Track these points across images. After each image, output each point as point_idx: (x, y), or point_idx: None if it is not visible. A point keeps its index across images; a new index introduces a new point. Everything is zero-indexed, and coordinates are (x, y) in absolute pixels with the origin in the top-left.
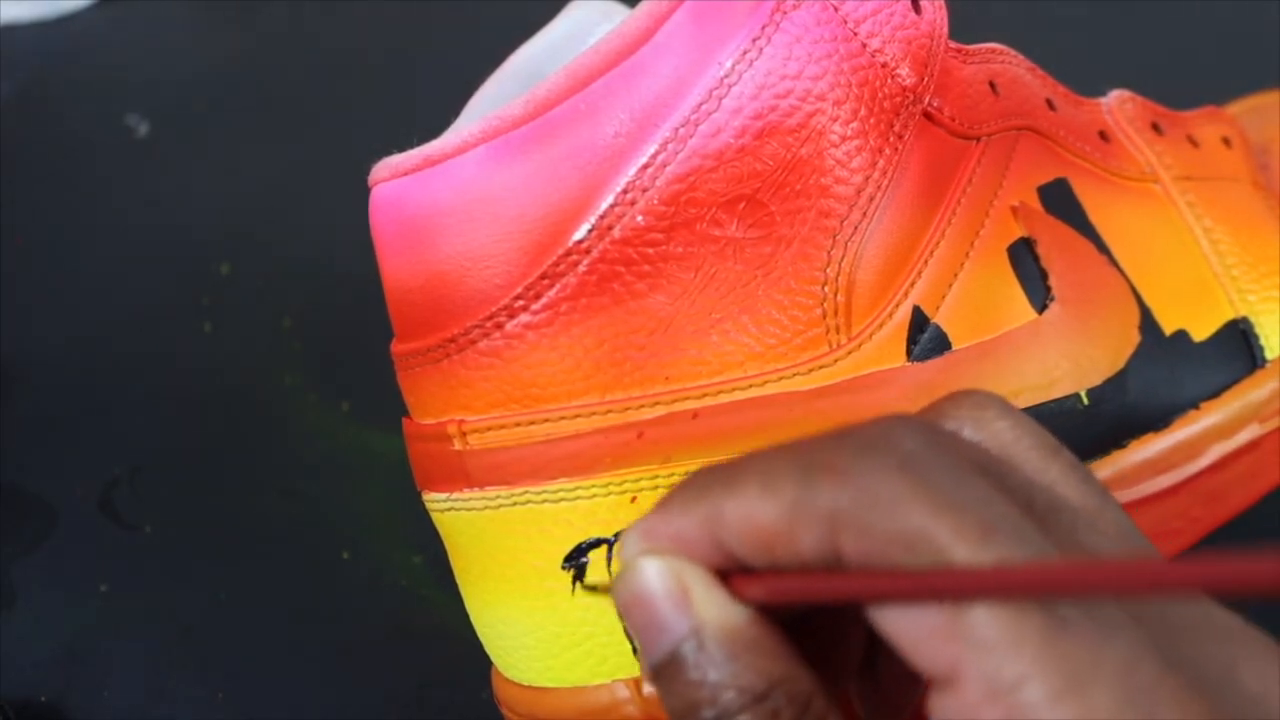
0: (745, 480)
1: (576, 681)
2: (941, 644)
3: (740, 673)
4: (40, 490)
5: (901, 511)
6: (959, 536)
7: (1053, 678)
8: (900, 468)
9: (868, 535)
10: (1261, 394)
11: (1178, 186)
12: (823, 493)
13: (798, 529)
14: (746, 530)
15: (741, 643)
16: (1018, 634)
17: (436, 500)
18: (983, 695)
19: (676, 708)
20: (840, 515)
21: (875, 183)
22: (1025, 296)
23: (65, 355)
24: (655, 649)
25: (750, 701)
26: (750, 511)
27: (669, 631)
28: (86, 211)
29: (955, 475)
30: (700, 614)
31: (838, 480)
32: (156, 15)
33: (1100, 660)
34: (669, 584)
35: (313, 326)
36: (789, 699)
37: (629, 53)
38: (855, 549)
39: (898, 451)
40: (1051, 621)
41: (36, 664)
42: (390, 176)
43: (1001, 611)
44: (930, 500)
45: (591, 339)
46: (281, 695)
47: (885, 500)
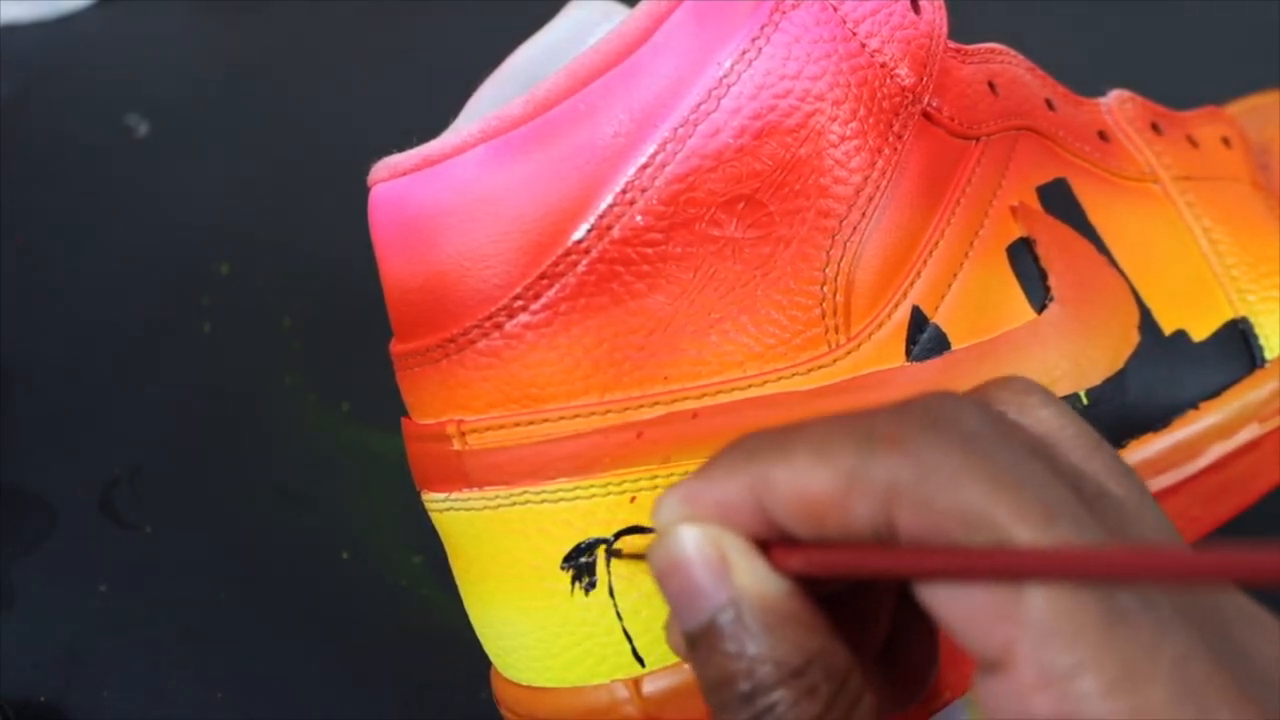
0: (798, 447)
1: (575, 681)
2: (995, 626)
3: (777, 646)
4: (40, 490)
5: (963, 488)
6: (1020, 517)
7: (1109, 669)
8: (963, 444)
9: (926, 510)
10: (1261, 394)
11: (1177, 186)
12: (882, 464)
13: (853, 499)
14: (797, 498)
15: (780, 615)
16: (1076, 622)
17: (435, 500)
18: (1035, 680)
19: (711, 679)
20: (899, 488)
21: (874, 183)
22: (1024, 296)
23: (65, 355)
24: (691, 618)
25: (787, 676)
26: (803, 479)
27: (706, 601)
28: (86, 211)
29: (1016, 456)
30: (739, 584)
31: (898, 452)
32: (156, 15)
33: (1156, 654)
34: (708, 552)
35: (313, 326)
36: (826, 674)
37: (628, 53)
38: (912, 523)
39: (960, 428)
40: (1110, 612)
41: (36, 664)
42: (390, 176)
43: (1060, 598)
44: (992, 479)
45: (591, 339)
46: (281, 695)
47: (947, 476)
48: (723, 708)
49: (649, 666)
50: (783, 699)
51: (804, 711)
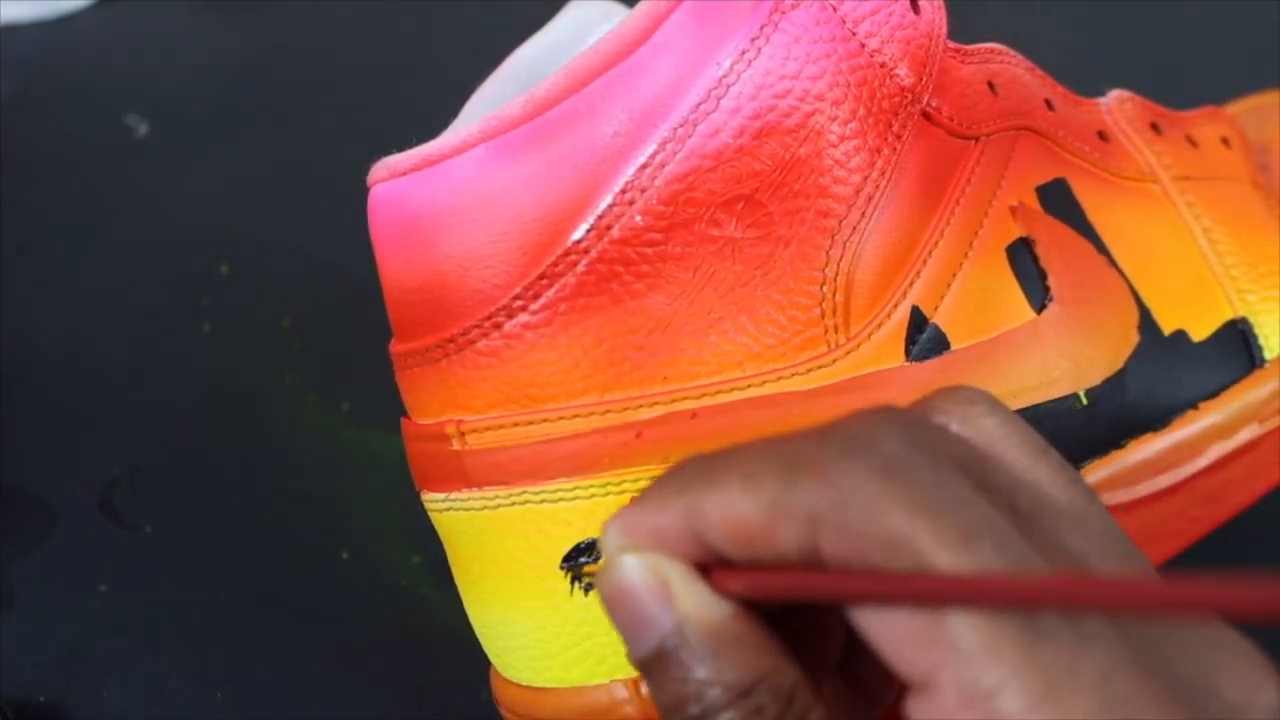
0: (727, 475)
1: (575, 682)
2: (919, 649)
3: (724, 668)
4: (40, 490)
5: (881, 514)
6: (939, 541)
7: (1030, 685)
8: (882, 469)
9: (847, 536)
10: (1260, 394)
11: (1177, 186)
12: (803, 491)
13: (778, 527)
14: (727, 526)
15: (724, 638)
16: (995, 641)
17: (435, 500)
18: (959, 702)
19: (664, 703)
20: (820, 515)
21: (874, 182)
22: (1024, 296)
23: (65, 355)
24: (640, 645)
25: (735, 697)
26: (731, 507)
27: (652, 628)
28: (86, 211)
29: (937, 477)
30: (682, 609)
31: (819, 480)
32: (156, 15)
33: (1078, 668)
34: (649, 579)
35: (313, 326)
36: (773, 694)
37: (628, 53)
38: (834, 549)
39: (879, 452)
40: (1029, 629)
41: (36, 664)
42: (389, 176)
43: (980, 619)
44: (911, 503)
45: (590, 339)
46: (281, 695)
47: (865, 502)
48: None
49: None
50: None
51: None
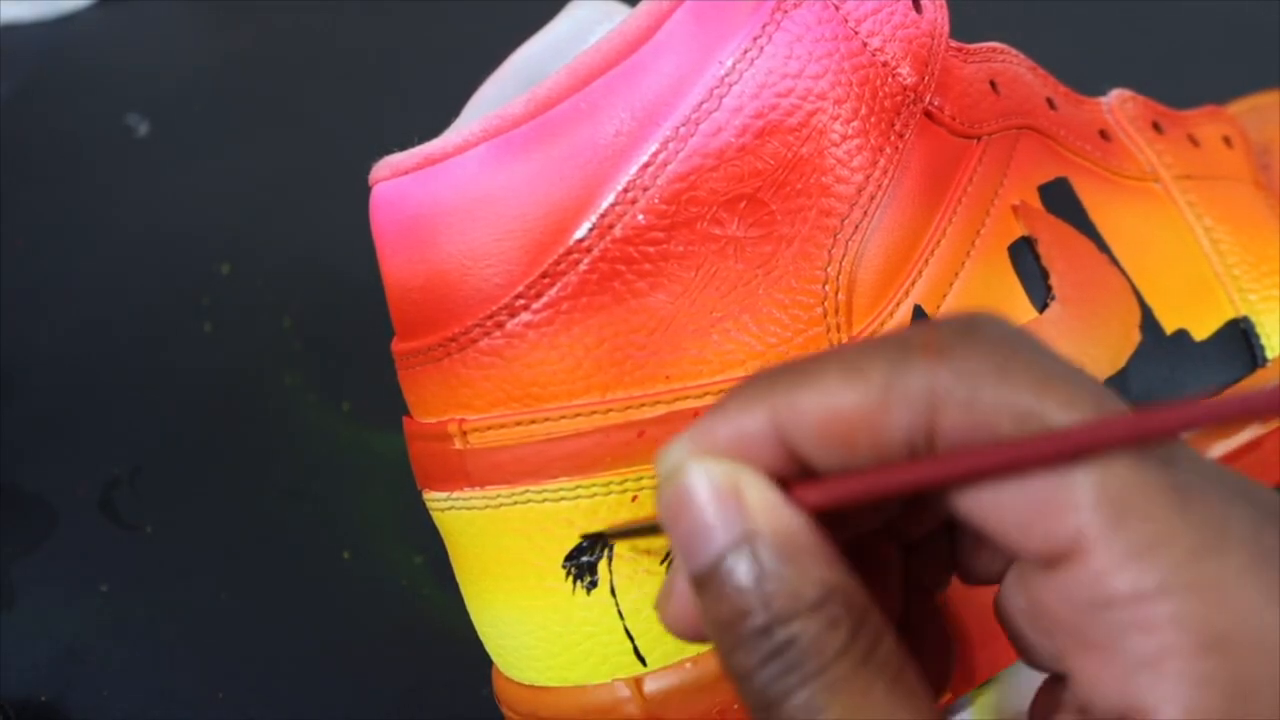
0: (825, 369)
1: (577, 680)
2: (1058, 517)
3: (795, 578)
4: (40, 490)
5: (1010, 384)
6: (1071, 407)
7: (1187, 539)
8: (1004, 346)
9: (971, 410)
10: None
11: (1178, 186)
12: (920, 371)
13: (889, 412)
14: (826, 421)
15: (796, 547)
16: (1146, 498)
17: (437, 499)
18: (1115, 560)
19: (723, 616)
20: (940, 392)
21: (876, 182)
22: (1026, 295)
23: (65, 355)
24: (701, 555)
25: (806, 608)
26: (832, 399)
27: (717, 536)
28: (86, 211)
29: (1052, 357)
30: (754, 516)
31: (937, 357)
32: (156, 15)
33: (1229, 522)
34: (721, 485)
35: (313, 326)
36: (847, 608)
37: (630, 52)
38: (956, 425)
39: (996, 332)
40: (1177, 487)
41: (36, 664)
42: (391, 175)
43: (1124, 477)
44: (1037, 376)
45: (592, 338)
46: (281, 695)
47: (990, 375)
48: (737, 645)
49: (651, 665)
50: (803, 631)
51: (827, 643)
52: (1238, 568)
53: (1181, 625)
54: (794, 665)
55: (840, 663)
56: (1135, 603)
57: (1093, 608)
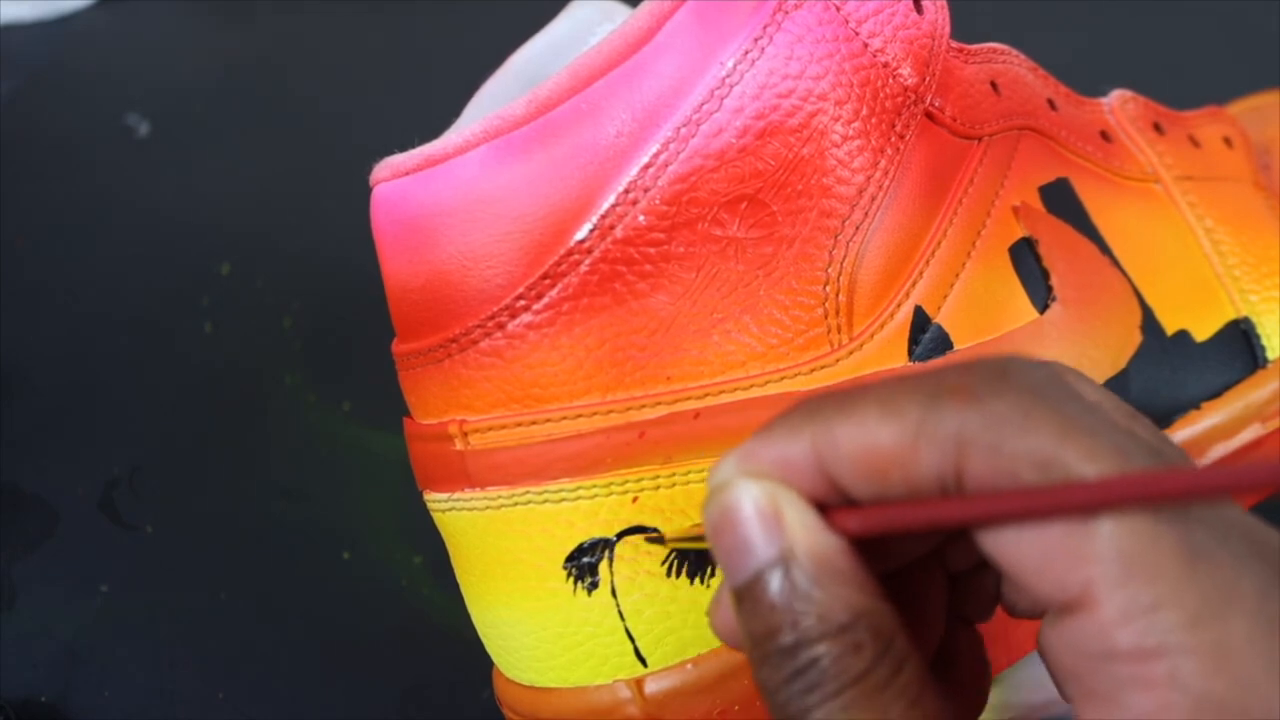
0: (865, 403)
1: (578, 681)
2: (1071, 566)
3: (825, 600)
4: (40, 490)
5: (1033, 433)
6: (1092, 458)
7: (1191, 601)
8: (1032, 394)
9: (996, 454)
10: (1263, 394)
11: (1179, 186)
12: (951, 414)
13: (920, 451)
14: (862, 453)
15: (829, 571)
16: (1155, 557)
17: (437, 500)
18: (1119, 615)
19: (755, 632)
20: (968, 436)
21: (877, 182)
22: (1027, 296)
23: (65, 355)
24: (741, 569)
25: (833, 630)
26: (869, 434)
27: (756, 553)
28: (86, 211)
29: (1083, 408)
30: (791, 537)
31: (967, 402)
32: (156, 15)
33: (1236, 589)
34: (763, 504)
35: (313, 326)
36: (872, 634)
37: (631, 52)
38: (982, 469)
39: (1028, 380)
40: (1188, 547)
41: (37, 664)
42: (391, 176)
43: (1137, 534)
44: (1062, 426)
45: (593, 339)
46: (281, 695)
47: (1017, 422)
48: (764, 661)
49: (651, 667)
50: (826, 653)
51: (848, 667)
52: (1241, 634)
53: (1178, 686)
54: (815, 685)
55: (859, 685)
56: (1136, 659)
57: (1097, 658)
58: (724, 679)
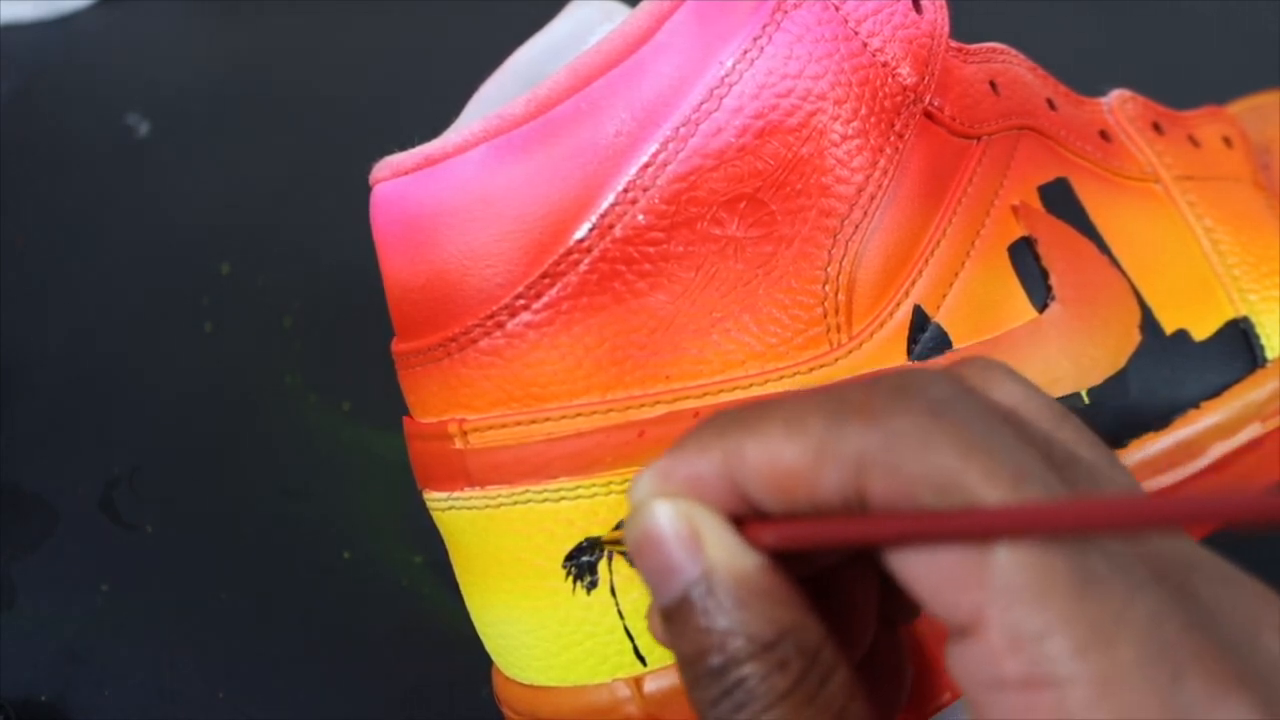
0: (769, 421)
1: (577, 680)
2: (964, 591)
3: (749, 620)
4: (41, 490)
5: (932, 453)
6: (990, 480)
7: (1078, 630)
8: (932, 411)
9: (896, 476)
10: (1262, 394)
11: (1179, 186)
12: (852, 433)
13: (823, 470)
14: (767, 471)
15: (751, 589)
16: (1045, 584)
17: (437, 499)
18: (1005, 644)
19: (685, 653)
20: (868, 456)
21: (876, 182)
22: (1026, 296)
23: (65, 355)
24: (665, 593)
25: (758, 650)
26: (773, 451)
27: (678, 575)
28: (86, 211)
29: (986, 423)
30: (711, 558)
31: (868, 421)
32: (156, 15)
33: (1126, 615)
34: (679, 526)
35: (313, 326)
36: (798, 649)
37: (630, 52)
38: (882, 490)
39: (929, 395)
40: (1079, 574)
41: (37, 664)
42: (391, 175)
43: (1028, 561)
44: (962, 444)
45: (592, 338)
46: (282, 695)
47: (916, 442)
48: (696, 683)
49: (651, 665)
50: (753, 673)
51: (774, 685)
52: (1129, 661)
53: (1065, 716)
54: (742, 704)
55: (785, 703)
56: (1024, 688)
57: (989, 686)
58: None
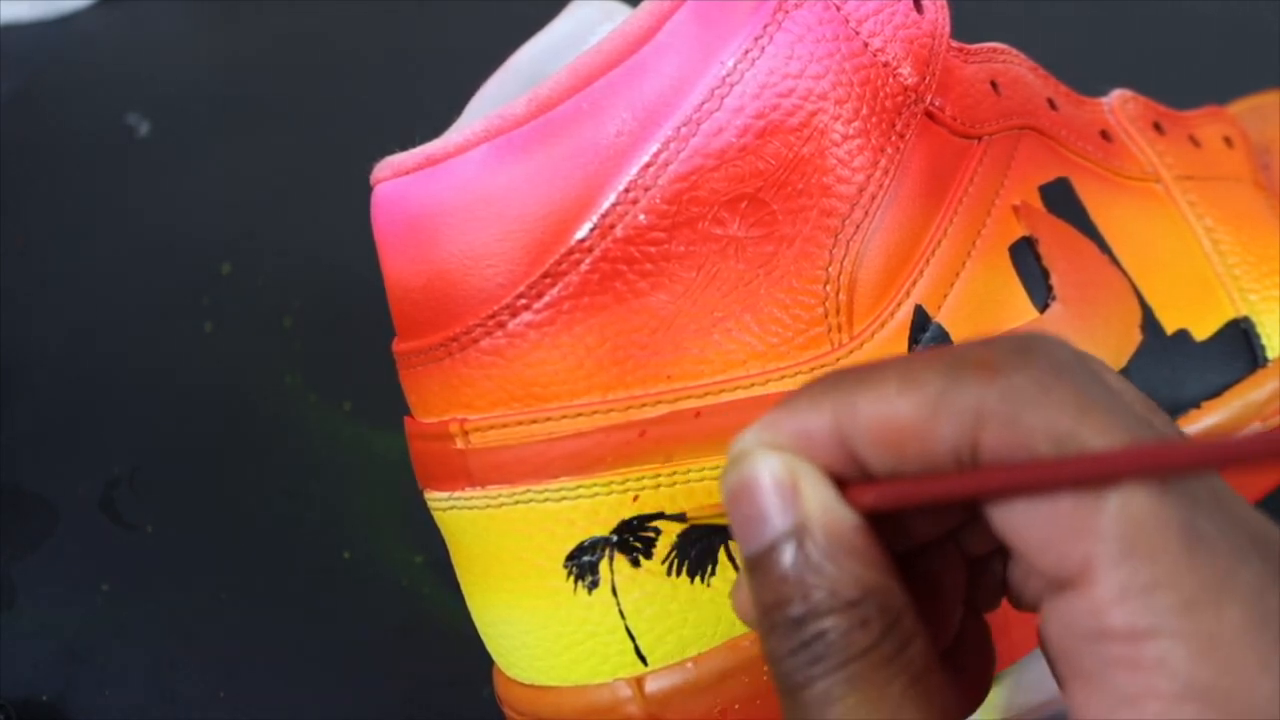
0: (884, 377)
1: (578, 680)
2: (1074, 541)
3: (836, 575)
4: (41, 490)
5: (1051, 407)
6: (1105, 436)
7: (1187, 586)
8: (1051, 370)
9: (1014, 427)
10: (1262, 393)
11: (1179, 186)
12: (970, 387)
13: (938, 423)
14: (880, 426)
15: (842, 546)
16: (1157, 538)
17: (438, 499)
18: (1114, 594)
19: (765, 601)
20: (987, 409)
21: (877, 182)
22: (1027, 295)
23: (65, 355)
24: (755, 538)
25: (841, 605)
26: (888, 406)
27: (771, 524)
28: (86, 211)
29: (1100, 386)
30: (807, 509)
31: (987, 376)
32: (156, 15)
33: (1233, 578)
34: (780, 476)
35: (313, 326)
36: (880, 610)
37: (631, 52)
38: (998, 442)
39: (1048, 356)
40: (1190, 533)
41: (37, 664)
42: (392, 175)
43: (1141, 514)
44: (1080, 402)
45: (594, 338)
46: (282, 695)
47: (1035, 397)
48: (773, 631)
49: (652, 665)
50: (834, 626)
51: (854, 640)
52: (1235, 624)
53: (1166, 670)
54: (819, 657)
55: (863, 660)
56: (1127, 640)
57: (1090, 637)
58: (724, 677)
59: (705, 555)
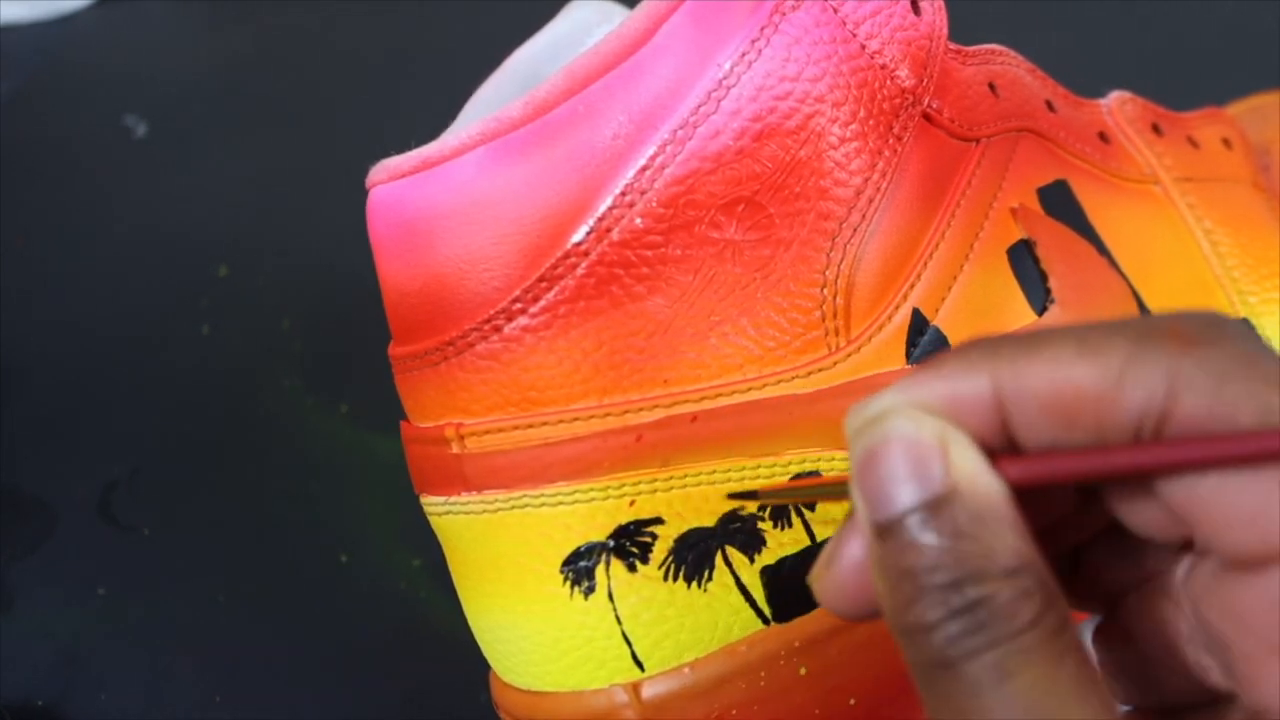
0: (1059, 343)
1: (575, 685)
2: (1265, 521)
3: (991, 542)
4: (39, 492)
5: (1256, 380)
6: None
7: None
8: (1248, 343)
9: (1216, 398)
10: None
11: (1178, 188)
12: (1163, 356)
13: (1125, 391)
14: (1054, 394)
15: (995, 514)
16: None
17: (434, 503)
18: None
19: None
20: (1183, 377)
21: (874, 184)
22: (1025, 298)
23: (65, 355)
24: (894, 502)
25: (1000, 573)
26: (1065, 372)
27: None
28: (86, 212)
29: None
30: (958, 473)
31: (1183, 345)
32: (156, 15)
33: None
34: (929, 436)
35: (311, 328)
36: (1039, 584)
37: (628, 54)
38: (1195, 413)
39: (1240, 331)
40: None
41: (35, 667)
42: (388, 179)
43: None
44: (1277, 377)
45: (590, 342)
46: (280, 698)
47: (1237, 369)
48: (918, 597)
49: (648, 670)
50: (997, 593)
51: (1020, 610)
52: None
53: None
54: (982, 626)
55: (1033, 632)
56: None
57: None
58: (721, 683)
59: (702, 560)
